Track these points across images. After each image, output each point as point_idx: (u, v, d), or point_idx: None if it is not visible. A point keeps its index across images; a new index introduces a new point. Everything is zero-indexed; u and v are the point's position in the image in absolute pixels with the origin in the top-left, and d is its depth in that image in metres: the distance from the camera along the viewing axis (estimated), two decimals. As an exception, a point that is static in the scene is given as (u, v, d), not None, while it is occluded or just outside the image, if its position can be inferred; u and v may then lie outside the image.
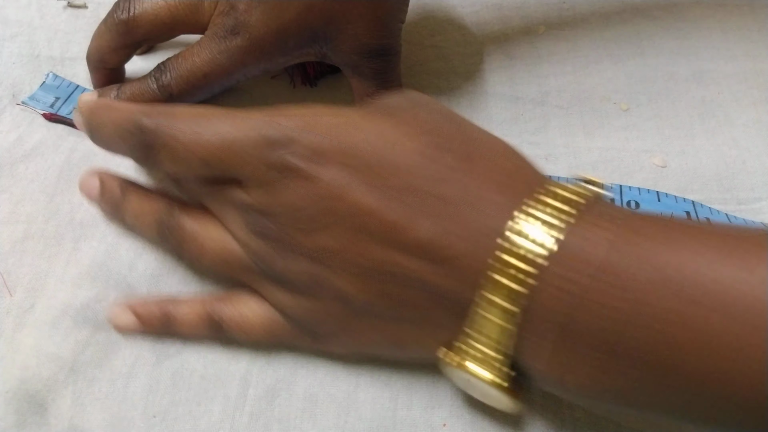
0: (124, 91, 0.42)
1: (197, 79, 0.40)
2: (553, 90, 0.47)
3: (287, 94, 0.46)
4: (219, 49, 0.39)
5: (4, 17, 0.49)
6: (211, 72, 0.40)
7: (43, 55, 0.47)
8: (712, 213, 0.40)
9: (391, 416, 0.34)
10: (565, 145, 0.44)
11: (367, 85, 0.41)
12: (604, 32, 0.49)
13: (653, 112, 0.45)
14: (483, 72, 0.48)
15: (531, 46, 0.49)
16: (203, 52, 0.40)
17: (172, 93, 0.40)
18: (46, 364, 0.35)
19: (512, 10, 0.51)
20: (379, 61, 0.41)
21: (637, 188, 0.41)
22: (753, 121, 0.44)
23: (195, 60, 0.40)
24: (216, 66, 0.40)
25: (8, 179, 0.41)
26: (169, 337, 0.36)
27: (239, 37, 0.39)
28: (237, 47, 0.39)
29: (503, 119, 0.45)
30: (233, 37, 0.39)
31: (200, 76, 0.40)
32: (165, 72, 0.41)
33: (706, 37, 0.49)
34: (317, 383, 0.35)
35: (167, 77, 0.40)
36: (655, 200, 0.40)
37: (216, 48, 0.39)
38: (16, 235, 0.39)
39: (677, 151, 0.43)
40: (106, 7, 0.42)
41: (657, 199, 0.40)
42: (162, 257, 0.38)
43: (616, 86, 0.46)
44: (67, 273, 0.38)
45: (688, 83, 0.46)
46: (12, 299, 0.37)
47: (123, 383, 0.35)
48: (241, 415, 0.34)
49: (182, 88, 0.40)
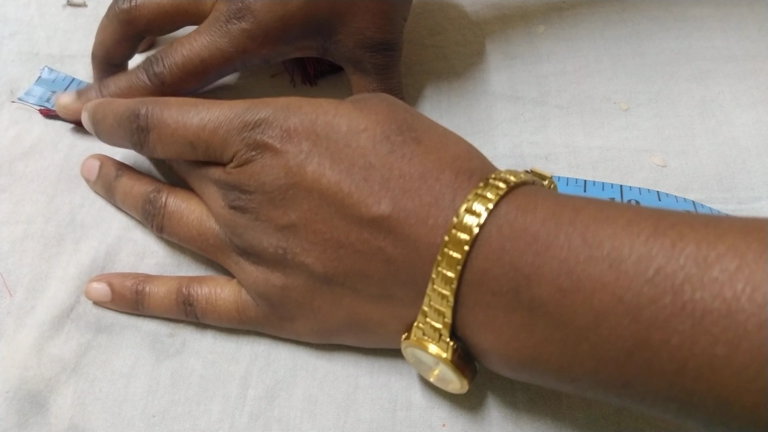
0: (108, 86, 0.41)
1: (194, 66, 0.39)
2: (553, 90, 0.47)
3: (287, 92, 0.46)
4: (220, 33, 0.39)
5: (3, 15, 0.49)
6: (210, 57, 0.39)
7: (43, 53, 0.47)
8: (712, 213, 0.40)
9: (390, 417, 0.34)
10: (565, 144, 0.44)
11: (367, 81, 0.41)
12: (604, 32, 0.49)
13: (653, 111, 0.45)
14: (483, 72, 0.48)
15: (531, 45, 0.49)
16: (202, 36, 0.39)
17: (164, 81, 0.40)
18: (47, 364, 0.35)
19: (512, 10, 0.51)
20: (381, 56, 0.41)
21: (637, 188, 0.41)
22: (753, 120, 0.44)
23: (193, 45, 0.39)
24: (216, 50, 0.39)
25: (7, 178, 0.41)
26: (139, 312, 0.37)
27: (243, 20, 0.38)
28: (240, 30, 0.39)
29: (503, 119, 0.45)
30: (237, 21, 0.39)
31: (197, 62, 0.39)
32: (157, 62, 0.40)
33: (707, 37, 0.49)
34: (317, 384, 0.35)
35: (159, 66, 0.40)
36: (655, 200, 0.40)
37: (217, 32, 0.39)
38: (15, 235, 0.39)
39: (677, 150, 0.43)
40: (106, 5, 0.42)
41: (657, 198, 0.40)
42: (163, 260, 0.38)
43: (616, 86, 0.46)
44: (68, 274, 0.38)
45: (688, 83, 0.46)
46: (12, 300, 0.37)
47: (123, 383, 0.35)
48: (240, 415, 0.34)
49: (176, 74, 0.40)
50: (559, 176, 0.42)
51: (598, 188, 0.41)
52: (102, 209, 0.40)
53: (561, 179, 0.41)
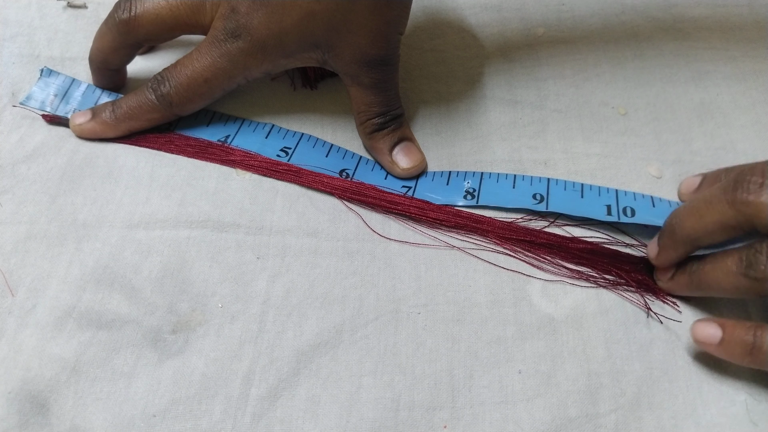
0: (120, 106, 0.42)
1: (198, 86, 0.41)
2: (551, 94, 0.47)
3: (288, 96, 0.47)
4: (220, 53, 0.40)
5: (4, 17, 0.49)
6: (213, 77, 0.41)
7: (44, 55, 0.47)
8: None
9: (392, 417, 0.34)
10: (563, 150, 0.44)
11: (365, 93, 0.42)
12: (603, 34, 0.50)
13: (651, 115, 0.45)
14: (482, 76, 0.48)
15: (530, 48, 0.49)
16: (203, 57, 0.40)
17: (172, 102, 0.41)
18: (49, 364, 0.35)
19: (511, 12, 0.51)
20: (377, 71, 0.41)
21: (632, 193, 0.41)
22: (752, 122, 0.45)
23: (195, 66, 0.40)
24: (217, 70, 0.40)
25: (10, 179, 0.41)
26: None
27: (240, 39, 0.39)
28: (238, 50, 0.40)
29: (502, 123, 0.45)
30: (234, 40, 0.39)
31: (201, 81, 0.41)
32: (163, 82, 0.41)
33: (706, 38, 0.49)
34: (320, 383, 0.35)
35: (166, 87, 0.41)
36: (649, 205, 0.40)
37: (217, 52, 0.40)
38: (18, 235, 0.39)
39: (673, 159, 0.44)
40: (106, 7, 0.42)
41: (651, 204, 0.41)
42: (167, 259, 0.38)
43: (615, 90, 0.47)
44: (70, 274, 0.38)
45: (686, 85, 0.47)
46: (14, 299, 0.37)
47: (125, 383, 0.35)
48: (243, 415, 0.34)
49: (183, 95, 0.41)
50: (557, 179, 0.42)
51: (595, 193, 0.41)
52: (104, 209, 0.40)
53: (559, 182, 0.42)
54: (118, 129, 0.42)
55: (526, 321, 0.37)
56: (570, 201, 0.41)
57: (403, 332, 0.37)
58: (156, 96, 0.41)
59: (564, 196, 0.41)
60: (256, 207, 0.41)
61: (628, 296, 0.38)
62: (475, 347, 0.36)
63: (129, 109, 0.42)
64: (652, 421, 0.34)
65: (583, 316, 0.37)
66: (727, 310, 0.38)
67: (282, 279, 0.38)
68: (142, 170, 0.42)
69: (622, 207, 0.40)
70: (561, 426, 0.34)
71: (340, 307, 0.37)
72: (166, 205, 0.40)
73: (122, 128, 0.42)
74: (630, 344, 0.36)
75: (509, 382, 0.35)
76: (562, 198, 0.41)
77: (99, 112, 0.43)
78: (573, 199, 0.41)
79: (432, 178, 0.43)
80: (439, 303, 0.38)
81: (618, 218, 0.40)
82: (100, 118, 0.42)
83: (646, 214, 0.40)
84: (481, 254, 0.40)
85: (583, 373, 0.35)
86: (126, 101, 0.42)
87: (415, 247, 0.40)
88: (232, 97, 0.45)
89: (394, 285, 0.38)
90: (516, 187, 0.42)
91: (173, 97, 0.41)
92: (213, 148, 0.43)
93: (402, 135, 0.43)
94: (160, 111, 0.42)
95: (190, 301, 0.37)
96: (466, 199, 0.41)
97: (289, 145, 0.44)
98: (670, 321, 0.37)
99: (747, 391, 0.35)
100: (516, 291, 0.38)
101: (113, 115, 0.42)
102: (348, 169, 0.43)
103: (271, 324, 0.37)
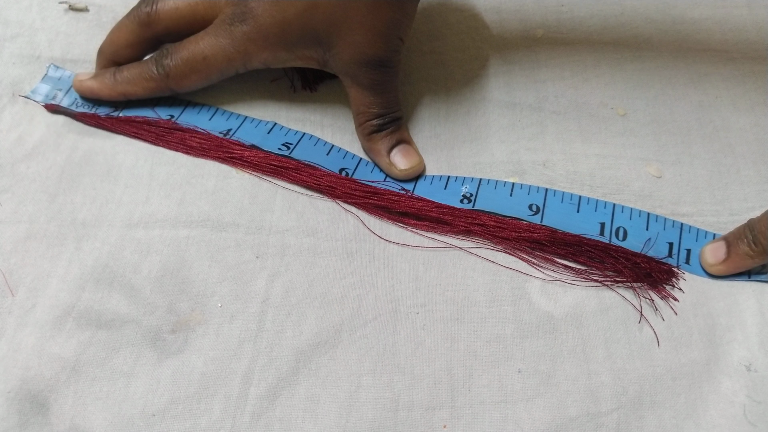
0: (122, 71, 0.44)
1: (197, 61, 0.43)
2: (550, 95, 0.47)
3: (287, 98, 0.47)
4: (224, 34, 0.42)
5: (4, 18, 0.49)
6: (212, 55, 0.42)
7: (44, 56, 0.47)
8: (698, 236, 0.40)
9: (392, 416, 0.34)
10: (562, 151, 0.44)
11: (364, 95, 0.42)
12: (602, 35, 0.50)
13: (650, 117, 0.45)
14: (481, 78, 0.48)
15: (529, 50, 0.49)
16: (208, 36, 0.42)
17: (169, 73, 0.43)
18: (48, 364, 0.35)
19: (510, 14, 0.51)
20: (376, 72, 0.41)
21: (629, 209, 0.41)
22: (750, 125, 0.45)
23: (199, 43, 0.43)
24: (218, 49, 0.42)
25: (9, 178, 0.41)
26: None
27: (245, 23, 0.41)
28: (241, 33, 0.41)
29: (501, 125, 0.45)
30: (239, 24, 0.41)
31: (200, 58, 0.43)
32: (167, 55, 0.43)
33: (705, 40, 0.49)
34: (319, 383, 0.35)
35: (168, 58, 0.43)
36: (643, 228, 0.40)
37: (221, 33, 0.42)
38: (18, 234, 0.39)
39: (673, 159, 0.43)
40: (108, 10, 0.42)
41: (646, 227, 0.40)
42: (167, 258, 0.38)
43: (614, 91, 0.47)
44: (70, 273, 0.38)
45: (686, 87, 0.47)
46: (14, 299, 0.37)
47: (124, 382, 0.35)
48: (242, 414, 0.34)
49: (180, 69, 0.43)
50: (555, 190, 0.42)
51: (591, 207, 0.41)
52: (103, 208, 0.40)
53: (557, 194, 0.42)
54: (113, 91, 0.44)
55: (526, 319, 0.37)
56: (565, 215, 0.40)
57: (402, 332, 0.37)
58: (156, 66, 0.43)
59: (560, 209, 0.41)
60: (255, 206, 0.41)
61: (628, 295, 0.38)
62: (474, 346, 0.36)
63: (129, 74, 0.44)
64: (653, 420, 0.34)
65: (583, 314, 0.37)
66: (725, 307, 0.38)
67: (281, 278, 0.38)
68: (141, 168, 0.42)
69: (616, 227, 0.40)
70: (561, 425, 0.34)
71: (339, 306, 0.37)
72: (166, 204, 0.40)
73: (118, 90, 0.44)
74: (630, 342, 0.36)
75: (509, 381, 0.35)
76: (558, 211, 0.41)
77: (102, 74, 0.45)
78: (569, 213, 0.41)
79: (431, 182, 0.43)
80: (438, 302, 0.38)
81: (609, 240, 0.40)
82: (100, 78, 0.45)
83: (637, 239, 0.40)
84: (480, 253, 0.40)
85: (583, 372, 0.35)
86: (129, 67, 0.44)
87: (413, 247, 0.40)
88: (232, 98, 0.46)
89: (393, 285, 0.38)
90: (513, 194, 0.42)
91: (171, 69, 0.43)
92: (213, 140, 0.43)
93: (400, 137, 0.43)
94: (156, 80, 0.44)
95: (190, 301, 0.37)
96: (462, 204, 0.41)
97: (291, 141, 0.44)
98: (671, 317, 0.37)
99: (745, 393, 0.35)
100: (515, 289, 0.38)
101: (113, 78, 0.44)
102: (348, 168, 0.43)
103: (270, 323, 0.37)
